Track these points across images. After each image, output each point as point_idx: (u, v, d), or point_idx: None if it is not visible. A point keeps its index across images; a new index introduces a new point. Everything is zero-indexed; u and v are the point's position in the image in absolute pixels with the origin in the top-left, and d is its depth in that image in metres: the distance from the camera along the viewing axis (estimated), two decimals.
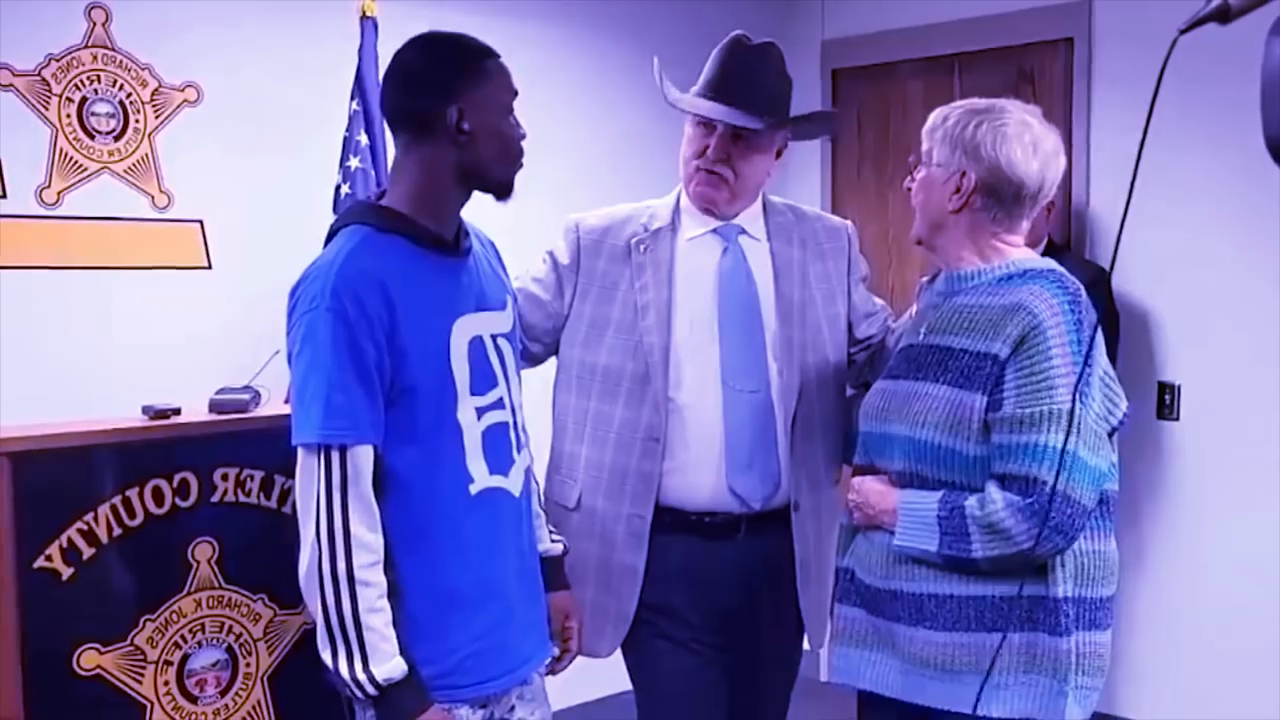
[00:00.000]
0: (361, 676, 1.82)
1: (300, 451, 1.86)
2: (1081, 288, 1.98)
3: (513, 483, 2.02)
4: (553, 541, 2.25)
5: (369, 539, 1.84)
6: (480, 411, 1.97)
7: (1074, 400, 1.87)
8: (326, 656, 1.84)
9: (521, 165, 2.01)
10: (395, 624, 1.86)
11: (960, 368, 1.97)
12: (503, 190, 2.01)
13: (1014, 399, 1.90)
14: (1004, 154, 1.99)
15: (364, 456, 1.84)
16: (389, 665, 1.83)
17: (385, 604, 1.85)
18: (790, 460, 2.36)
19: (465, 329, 1.97)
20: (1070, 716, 1.93)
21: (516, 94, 1.99)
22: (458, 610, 1.94)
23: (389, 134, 3.35)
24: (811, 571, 2.42)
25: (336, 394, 1.82)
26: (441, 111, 1.91)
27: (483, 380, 1.98)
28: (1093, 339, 1.92)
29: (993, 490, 1.92)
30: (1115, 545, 2.04)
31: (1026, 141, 2.00)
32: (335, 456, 1.82)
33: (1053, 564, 1.93)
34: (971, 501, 1.93)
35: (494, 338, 2.02)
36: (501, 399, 2.01)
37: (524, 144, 2.00)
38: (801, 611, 2.43)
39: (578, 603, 2.30)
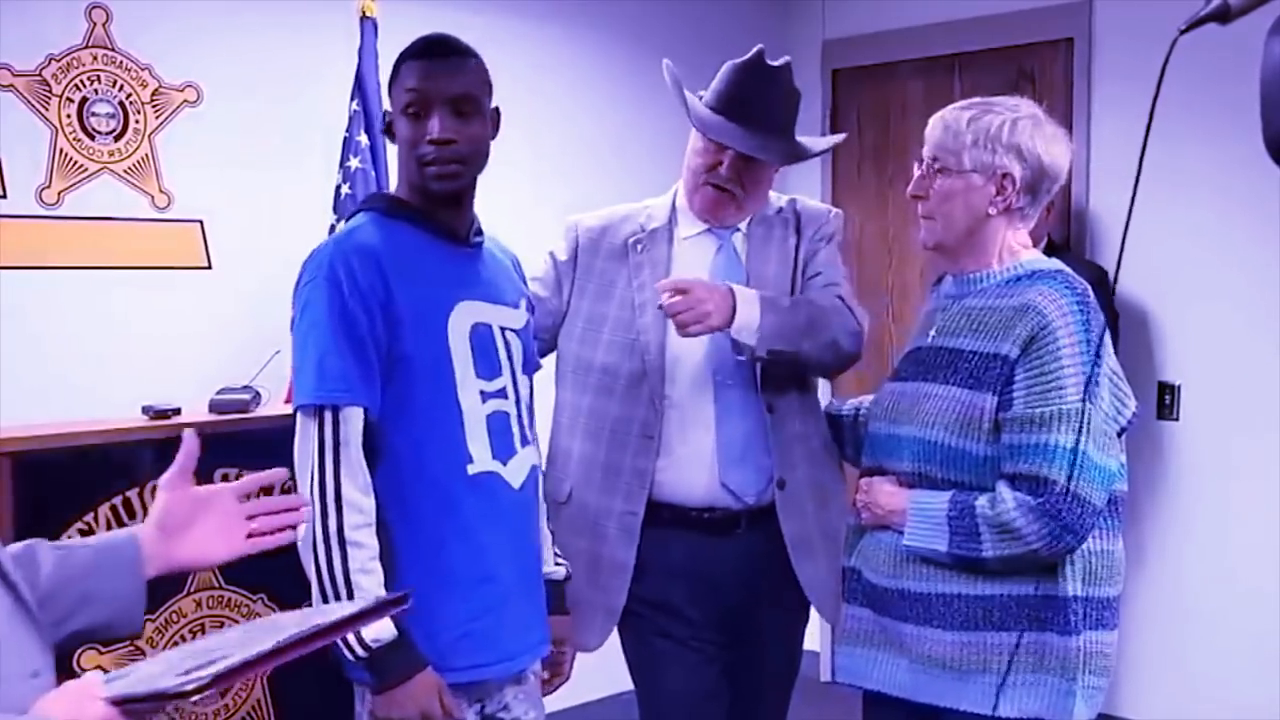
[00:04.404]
0: (350, 637, 1.84)
1: (298, 415, 1.91)
2: (1089, 288, 1.98)
3: (512, 473, 2.03)
4: (556, 564, 2.25)
5: (360, 500, 1.88)
6: (485, 396, 2.00)
7: (1084, 400, 1.88)
8: None
9: (435, 171, 1.94)
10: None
11: (970, 369, 1.97)
12: (428, 197, 1.99)
13: (1024, 399, 1.90)
14: (1043, 149, 1.99)
15: (355, 418, 1.89)
16: (378, 627, 1.85)
17: (377, 566, 1.88)
18: (776, 442, 2.36)
19: (468, 312, 2.00)
20: (1078, 716, 1.93)
21: (417, 92, 1.93)
22: (449, 589, 1.95)
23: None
24: (815, 545, 2.39)
25: (329, 357, 1.88)
26: (389, 112, 2.01)
27: (487, 366, 2.01)
28: (1101, 338, 1.93)
29: (1003, 490, 1.92)
30: (1122, 545, 2.04)
31: (1051, 134, 2.01)
32: (329, 417, 1.88)
33: (1062, 563, 1.93)
34: (982, 501, 1.93)
35: (503, 330, 2.06)
36: (505, 389, 2.04)
37: (439, 150, 1.93)
38: (805, 589, 2.40)
39: (574, 633, 2.29)
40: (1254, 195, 3.67)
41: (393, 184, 3.19)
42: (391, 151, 3.38)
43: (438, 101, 1.93)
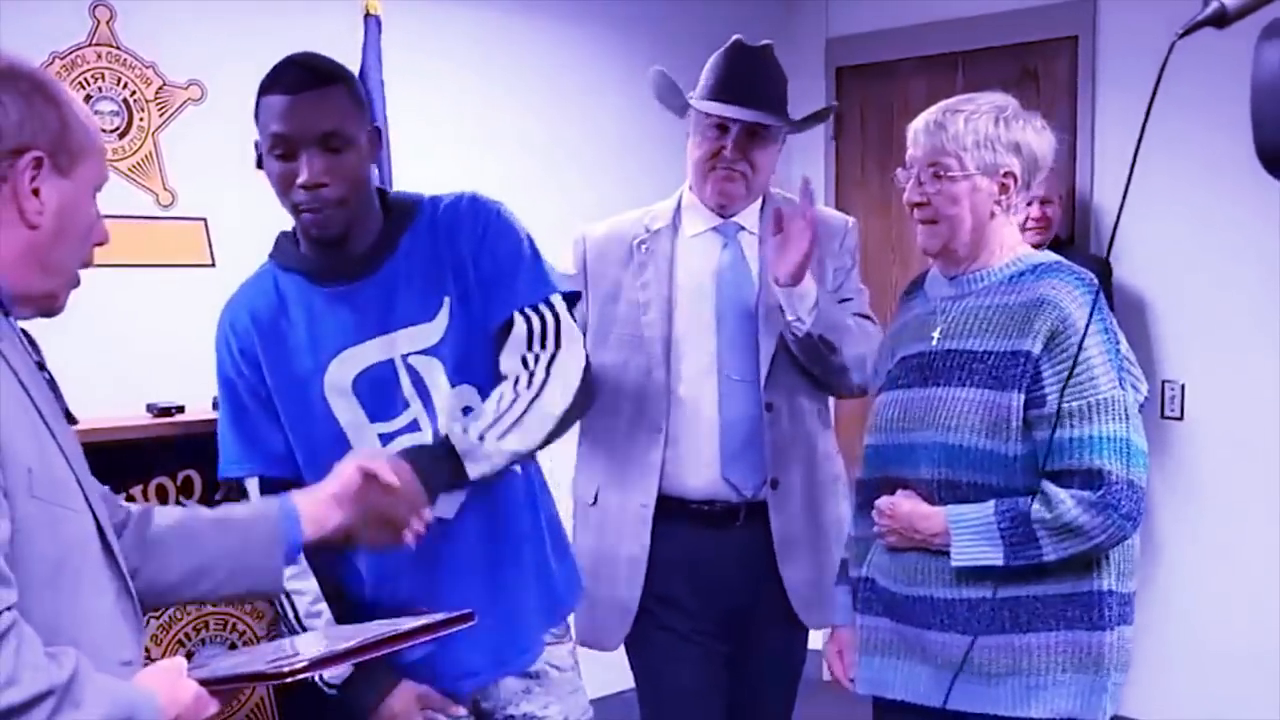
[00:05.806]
0: (318, 678, 1.88)
1: None
2: (1092, 276, 1.97)
3: (440, 507, 1.88)
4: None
5: None
6: (386, 438, 1.94)
7: (1119, 386, 1.88)
8: None
9: (311, 219, 1.87)
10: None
11: (988, 369, 1.94)
12: (310, 242, 1.94)
13: (1059, 394, 1.87)
14: (1034, 140, 2.00)
15: (253, 486, 1.96)
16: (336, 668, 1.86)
17: (323, 606, 1.93)
18: (771, 440, 2.38)
19: (351, 361, 1.93)
20: (1108, 713, 1.93)
21: (281, 136, 1.84)
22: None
23: (391, 131, 3.37)
24: (800, 548, 2.41)
25: (225, 433, 1.99)
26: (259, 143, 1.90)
27: (384, 407, 1.94)
28: (1115, 324, 1.94)
29: (1054, 489, 1.88)
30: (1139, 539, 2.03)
31: (1036, 125, 2.02)
32: (240, 488, 1.98)
33: (1097, 560, 1.92)
34: (1035, 506, 1.88)
35: (405, 358, 1.94)
36: (415, 421, 1.95)
37: (311, 195, 1.85)
38: (788, 592, 2.41)
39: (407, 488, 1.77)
40: (1258, 190, 3.64)
41: (396, 183, 3.21)
42: (395, 150, 3.39)
43: (303, 143, 1.82)
